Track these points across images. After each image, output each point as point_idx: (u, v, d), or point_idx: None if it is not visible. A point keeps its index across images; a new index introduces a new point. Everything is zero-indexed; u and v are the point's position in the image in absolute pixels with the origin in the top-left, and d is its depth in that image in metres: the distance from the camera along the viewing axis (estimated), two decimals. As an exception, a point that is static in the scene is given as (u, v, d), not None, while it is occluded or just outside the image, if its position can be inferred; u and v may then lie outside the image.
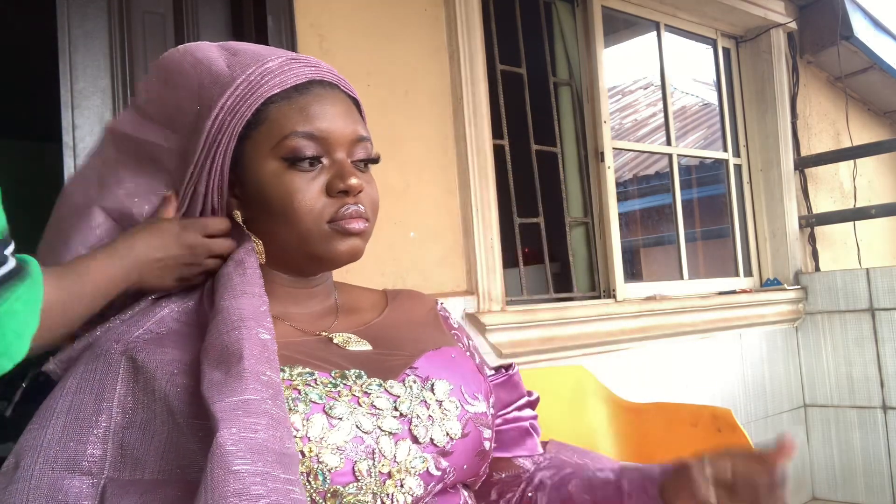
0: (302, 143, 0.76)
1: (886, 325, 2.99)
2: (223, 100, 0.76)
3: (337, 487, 0.66)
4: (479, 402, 0.80)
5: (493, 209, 2.23)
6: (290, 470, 0.60)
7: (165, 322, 0.76)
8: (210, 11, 1.88)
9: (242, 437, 0.59)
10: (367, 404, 0.71)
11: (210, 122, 0.76)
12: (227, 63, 0.78)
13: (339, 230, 0.76)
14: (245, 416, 0.60)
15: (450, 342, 0.87)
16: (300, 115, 0.76)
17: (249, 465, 0.57)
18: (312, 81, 0.79)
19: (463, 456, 0.76)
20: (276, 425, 0.61)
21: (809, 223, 3.43)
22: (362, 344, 0.81)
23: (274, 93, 0.76)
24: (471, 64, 2.22)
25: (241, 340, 0.66)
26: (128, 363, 0.70)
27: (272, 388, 0.64)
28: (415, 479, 0.70)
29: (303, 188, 0.75)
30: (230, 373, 0.63)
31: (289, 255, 0.79)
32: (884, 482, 3.00)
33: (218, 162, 0.77)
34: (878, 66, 3.67)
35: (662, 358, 2.69)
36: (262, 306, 0.72)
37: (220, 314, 0.70)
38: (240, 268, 0.76)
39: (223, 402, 0.61)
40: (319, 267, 0.82)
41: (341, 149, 0.78)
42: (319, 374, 0.72)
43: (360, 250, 0.79)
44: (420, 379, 0.77)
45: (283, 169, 0.76)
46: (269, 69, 0.77)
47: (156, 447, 0.66)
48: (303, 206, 0.75)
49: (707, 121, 5.64)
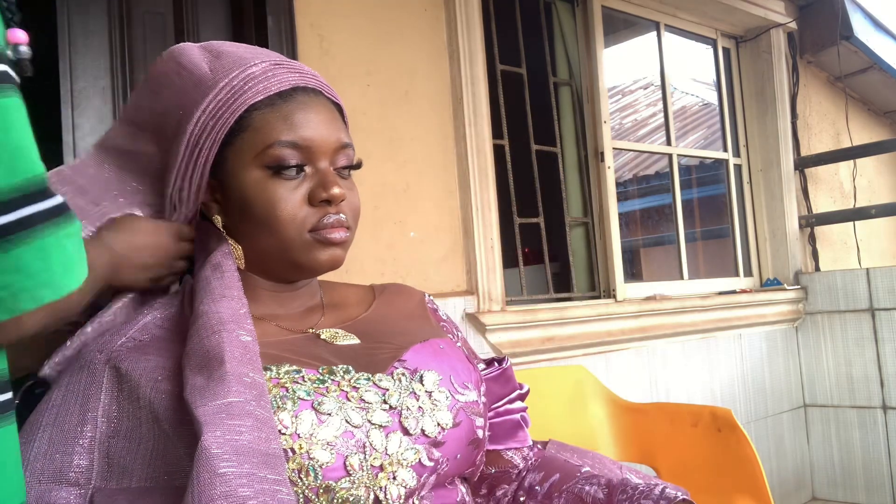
0: (286, 152, 0.76)
1: (886, 325, 2.99)
2: (205, 104, 0.76)
3: (329, 483, 0.66)
4: (470, 392, 0.80)
5: (493, 209, 2.23)
6: (277, 470, 0.60)
7: (148, 329, 0.76)
8: (210, 11, 1.88)
9: (227, 439, 0.59)
10: (356, 399, 0.71)
11: (191, 126, 0.76)
12: (209, 66, 0.78)
13: (320, 240, 0.77)
14: (229, 418, 0.60)
15: (438, 333, 0.87)
16: (284, 124, 0.76)
17: (235, 466, 0.57)
18: (296, 88, 0.78)
19: (455, 445, 0.76)
20: (262, 426, 0.62)
21: (809, 223, 3.43)
22: (350, 338, 0.81)
23: (257, 99, 0.76)
24: (471, 64, 2.22)
25: (221, 344, 0.66)
26: (111, 372, 0.70)
27: (255, 390, 0.64)
28: (407, 471, 0.70)
29: (285, 197, 0.76)
30: (212, 377, 0.63)
31: (269, 261, 0.80)
32: (884, 482, 3.00)
33: (199, 166, 0.77)
34: (878, 66, 3.67)
35: (662, 358, 2.69)
36: (241, 309, 0.72)
37: (200, 319, 0.70)
38: (217, 271, 0.76)
39: (206, 406, 0.61)
40: (300, 274, 0.82)
41: (324, 157, 0.78)
42: (307, 370, 0.72)
43: (340, 259, 0.79)
44: (408, 371, 0.77)
45: (267, 177, 0.76)
46: (252, 74, 0.77)
47: (142, 455, 0.66)
48: (285, 216, 0.76)
49: (707, 121, 5.64)
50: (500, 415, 0.91)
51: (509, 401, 0.92)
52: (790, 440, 3.15)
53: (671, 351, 2.73)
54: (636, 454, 1.87)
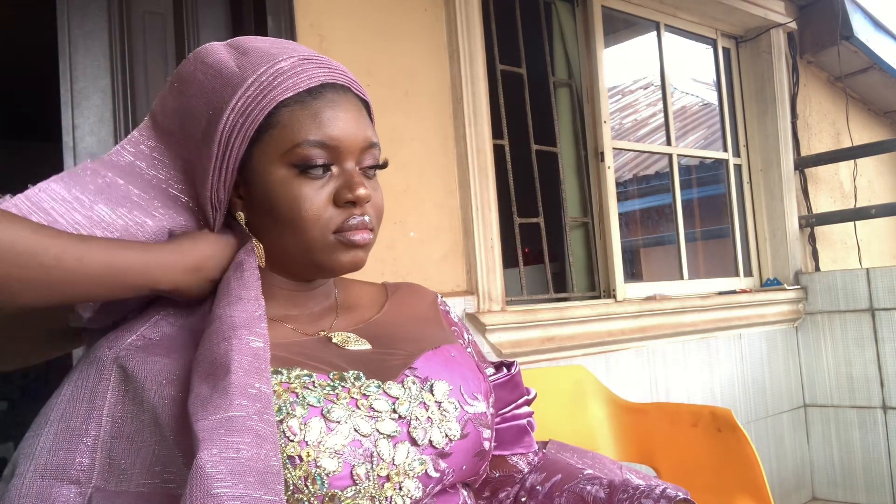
0: (313, 151, 0.74)
1: (886, 325, 2.99)
2: (234, 101, 0.74)
3: (335, 491, 0.65)
4: (479, 402, 0.79)
5: (493, 209, 2.23)
6: (274, 490, 0.59)
7: (160, 327, 0.75)
8: (210, 11, 1.88)
9: (224, 457, 0.58)
10: (366, 407, 0.71)
11: (222, 126, 0.74)
12: (237, 64, 0.76)
13: (343, 241, 0.76)
14: (228, 434, 0.60)
15: (450, 339, 0.87)
16: (312, 122, 0.74)
17: (230, 487, 0.57)
18: (325, 85, 0.76)
19: (462, 457, 0.75)
20: (262, 442, 0.61)
21: (809, 223, 3.43)
22: (361, 343, 0.80)
23: (287, 96, 0.74)
24: (471, 64, 2.22)
25: (230, 352, 0.65)
26: (118, 371, 0.70)
27: (260, 402, 0.63)
28: (413, 482, 0.70)
29: (311, 196, 0.74)
30: (217, 387, 0.63)
31: (291, 261, 0.79)
32: (884, 482, 3.00)
33: (230, 165, 0.76)
34: (878, 66, 3.67)
35: (662, 358, 2.69)
36: (256, 311, 0.71)
37: (214, 323, 0.70)
38: (238, 271, 0.75)
39: (206, 420, 0.60)
40: (320, 274, 0.81)
41: (351, 157, 0.77)
42: (318, 376, 0.71)
43: (362, 261, 0.79)
44: (419, 380, 0.76)
45: (293, 176, 0.75)
46: (280, 70, 0.75)
47: (142, 460, 0.65)
48: (310, 215, 0.74)
49: (707, 121, 5.64)
50: (507, 420, 0.91)
51: (516, 406, 0.92)
52: (790, 440, 3.15)
53: (671, 351, 2.73)
54: (636, 454, 1.87)
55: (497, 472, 0.89)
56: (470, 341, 0.94)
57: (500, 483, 0.89)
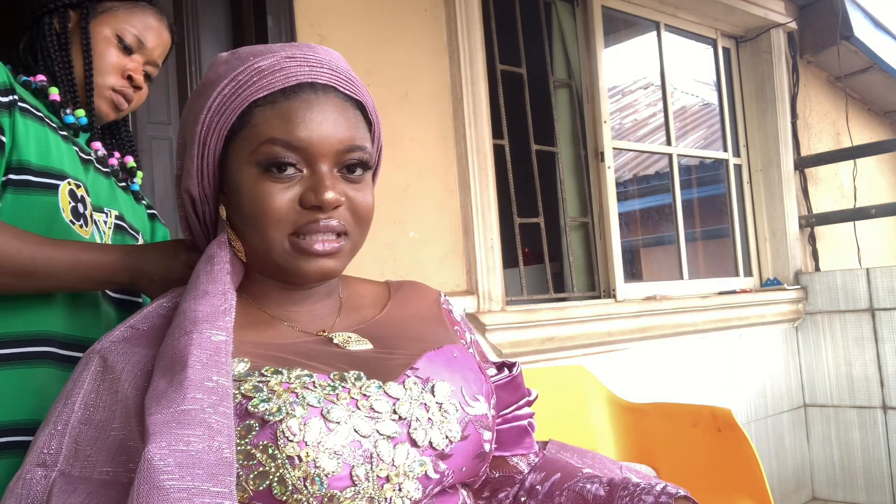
0: (278, 150, 0.73)
1: (886, 325, 2.99)
2: (210, 101, 0.75)
3: (334, 492, 0.65)
4: (480, 404, 0.79)
5: (492, 209, 2.23)
6: (223, 482, 0.59)
7: (150, 318, 0.76)
8: (210, 11, 1.88)
9: (172, 450, 0.58)
10: (366, 407, 0.70)
11: (199, 126, 0.76)
12: (226, 65, 0.78)
13: (297, 247, 0.74)
14: (179, 427, 0.60)
15: (452, 339, 0.87)
16: (281, 122, 0.73)
17: (177, 480, 0.57)
18: (302, 84, 0.75)
19: (462, 458, 0.75)
20: (214, 435, 0.61)
21: (809, 223, 3.43)
22: (363, 343, 0.80)
23: (259, 96, 0.74)
24: (471, 64, 2.22)
25: (189, 346, 0.65)
26: (99, 361, 0.71)
27: (217, 394, 0.63)
28: (413, 483, 0.70)
29: (273, 195, 0.73)
30: (173, 381, 0.63)
31: (263, 262, 0.78)
32: (884, 482, 3.00)
33: (208, 165, 0.77)
34: (878, 66, 3.67)
35: (662, 358, 2.69)
36: (222, 305, 0.71)
37: (178, 317, 0.70)
38: (208, 264, 0.75)
39: (159, 414, 0.61)
40: (292, 281, 0.79)
41: (324, 159, 0.74)
42: (318, 376, 0.71)
43: (330, 270, 0.76)
44: (420, 380, 0.76)
45: (259, 174, 0.74)
46: (258, 69, 0.75)
47: (108, 448, 0.66)
48: (271, 215, 0.73)
49: (707, 121, 5.64)
50: (508, 421, 0.90)
51: (517, 407, 0.92)
52: (790, 440, 3.15)
53: (671, 351, 2.73)
54: (636, 454, 1.87)
55: (497, 473, 0.89)
56: (472, 341, 0.93)
57: (499, 483, 0.89)
